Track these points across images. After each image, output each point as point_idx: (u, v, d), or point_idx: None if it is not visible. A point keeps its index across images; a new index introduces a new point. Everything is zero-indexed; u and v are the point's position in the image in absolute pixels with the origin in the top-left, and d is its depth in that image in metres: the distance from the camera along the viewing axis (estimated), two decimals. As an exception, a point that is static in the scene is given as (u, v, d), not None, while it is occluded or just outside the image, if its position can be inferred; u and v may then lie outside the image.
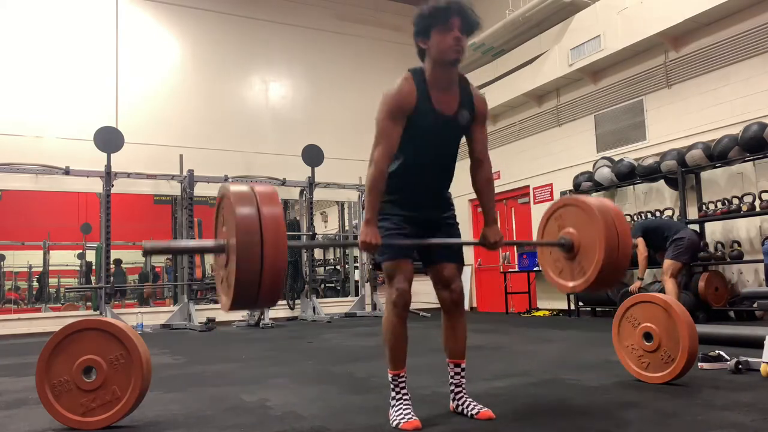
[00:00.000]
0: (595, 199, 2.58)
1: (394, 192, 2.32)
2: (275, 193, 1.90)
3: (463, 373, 2.42)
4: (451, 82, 2.31)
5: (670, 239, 5.75)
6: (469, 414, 2.33)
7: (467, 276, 10.22)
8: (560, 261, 2.60)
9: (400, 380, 2.32)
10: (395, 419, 2.23)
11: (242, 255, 1.75)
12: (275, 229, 1.79)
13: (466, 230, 9.30)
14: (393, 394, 2.31)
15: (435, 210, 2.43)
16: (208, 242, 2.01)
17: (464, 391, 2.41)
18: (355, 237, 9.46)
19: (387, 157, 2.23)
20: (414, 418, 2.21)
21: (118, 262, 12.21)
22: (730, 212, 6.02)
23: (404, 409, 2.25)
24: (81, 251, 13.10)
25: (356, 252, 10.75)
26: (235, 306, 1.83)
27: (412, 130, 2.27)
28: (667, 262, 5.72)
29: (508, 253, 9.76)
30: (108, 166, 8.03)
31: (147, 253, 1.95)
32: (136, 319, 7.96)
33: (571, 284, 2.54)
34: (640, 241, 5.86)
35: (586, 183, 7.69)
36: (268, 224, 1.78)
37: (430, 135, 2.30)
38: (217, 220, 2.04)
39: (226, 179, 9.00)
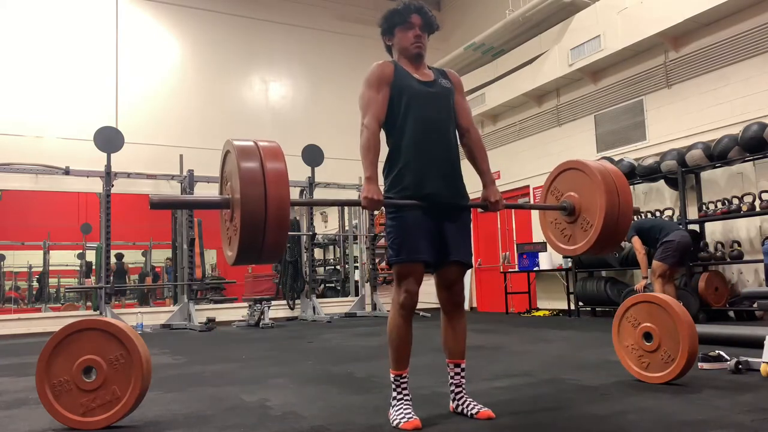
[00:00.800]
0: (596, 162, 2.62)
1: (407, 172, 2.34)
2: (279, 148, 1.93)
3: (463, 374, 2.42)
4: (422, 66, 2.50)
5: (660, 241, 5.76)
6: (469, 414, 2.33)
7: (467, 276, 10.20)
8: (566, 229, 2.62)
9: (402, 381, 2.32)
10: (395, 419, 2.23)
11: (246, 207, 1.77)
12: (278, 183, 1.83)
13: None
14: (394, 394, 2.31)
15: (450, 189, 2.39)
16: (214, 197, 2.03)
17: (464, 391, 2.42)
18: (355, 237, 9.35)
19: (375, 120, 2.34)
20: (414, 417, 2.21)
21: (119, 256, 12.23)
22: (730, 212, 6.02)
23: (405, 409, 2.25)
24: (81, 251, 13.11)
25: (356, 252, 10.75)
26: (240, 258, 1.86)
27: (402, 98, 2.38)
28: (655, 263, 5.75)
29: (507, 253, 9.76)
30: (108, 166, 8.02)
31: (154, 206, 1.93)
32: (136, 319, 7.96)
33: (573, 247, 2.57)
34: (636, 240, 5.86)
35: (586, 183, 7.68)
36: (272, 178, 1.82)
37: (419, 99, 2.39)
38: (222, 176, 2.06)
39: (226, 179, 8.98)
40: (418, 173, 2.33)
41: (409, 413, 2.24)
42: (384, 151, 2.38)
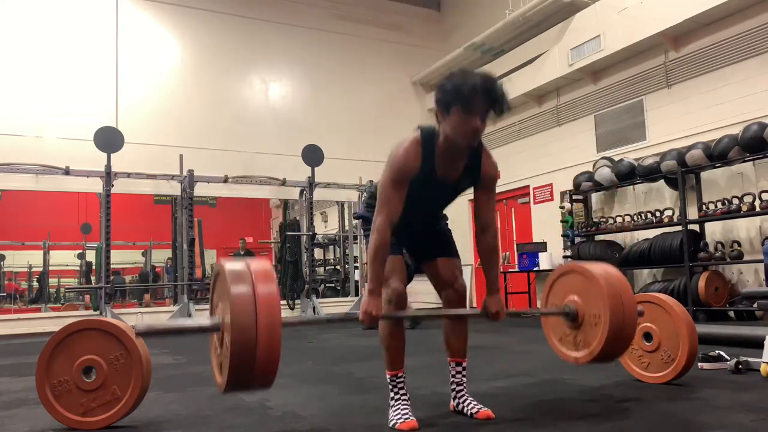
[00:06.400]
0: (598, 266, 2.52)
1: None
2: (271, 271, 1.86)
3: (464, 372, 2.42)
4: (462, 150, 2.22)
5: None
6: (469, 413, 2.33)
7: (467, 276, 10.21)
8: (566, 331, 2.59)
9: (398, 380, 2.31)
10: (393, 419, 2.23)
11: (236, 335, 1.71)
12: (269, 308, 1.75)
13: (466, 230, 9.30)
14: (392, 394, 2.31)
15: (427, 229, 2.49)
16: (205, 321, 1.96)
17: (465, 390, 2.41)
18: (355, 237, 9.37)
19: (389, 224, 2.17)
20: (411, 418, 2.21)
21: (115, 273, 12.24)
22: (730, 212, 6.01)
23: (402, 410, 2.25)
24: (81, 251, 13.11)
25: (356, 252, 10.75)
26: (229, 388, 1.79)
27: (412, 192, 2.23)
28: None
29: (508, 253, 9.76)
30: (108, 166, 8.02)
31: (140, 334, 1.87)
32: (136, 319, 7.96)
33: (574, 355, 2.54)
34: None
35: (586, 183, 7.69)
36: (263, 302, 1.74)
37: (426, 197, 2.31)
38: (213, 297, 2.00)
39: (226, 179, 9.00)
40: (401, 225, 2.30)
41: (407, 413, 2.24)
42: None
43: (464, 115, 2.06)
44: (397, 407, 2.27)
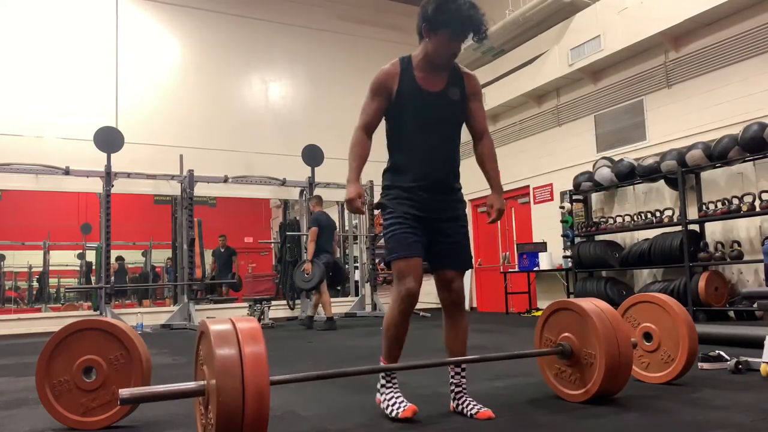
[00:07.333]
0: (590, 303, 2.54)
1: (401, 182, 2.38)
2: (258, 329, 1.81)
3: (463, 374, 2.42)
4: (439, 72, 2.38)
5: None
6: (469, 414, 2.33)
7: (467, 276, 10.21)
8: (561, 367, 2.61)
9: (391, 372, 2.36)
10: (391, 409, 2.25)
11: (222, 400, 1.65)
12: (257, 370, 1.69)
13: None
14: (383, 381, 2.35)
15: (444, 201, 2.43)
16: (189, 385, 1.88)
17: (464, 391, 2.42)
18: (355, 237, 9.42)
19: (364, 128, 2.39)
20: (408, 404, 2.25)
21: (119, 258, 12.25)
22: (730, 212, 6.01)
23: (397, 397, 2.28)
24: (81, 251, 13.11)
25: (356, 252, 10.75)
26: None
27: (404, 112, 2.36)
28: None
29: (507, 253, 9.76)
30: (108, 166, 8.02)
31: (124, 401, 1.80)
32: (136, 319, 7.96)
33: (571, 393, 2.55)
34: (314, 231, 7.11)
35: (586, 183, 7.69)
36: (250, 365, 1.69)
37: (421, 114, 2.36)
38: (197, 358, 1.95)
39: (226, 179, 9.00)
40: (415, 201, 2.36)
41: (402, 401, 2.27)
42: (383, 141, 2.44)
43: (449, 40, 2.26)
44: (390, 395, 2.30)
